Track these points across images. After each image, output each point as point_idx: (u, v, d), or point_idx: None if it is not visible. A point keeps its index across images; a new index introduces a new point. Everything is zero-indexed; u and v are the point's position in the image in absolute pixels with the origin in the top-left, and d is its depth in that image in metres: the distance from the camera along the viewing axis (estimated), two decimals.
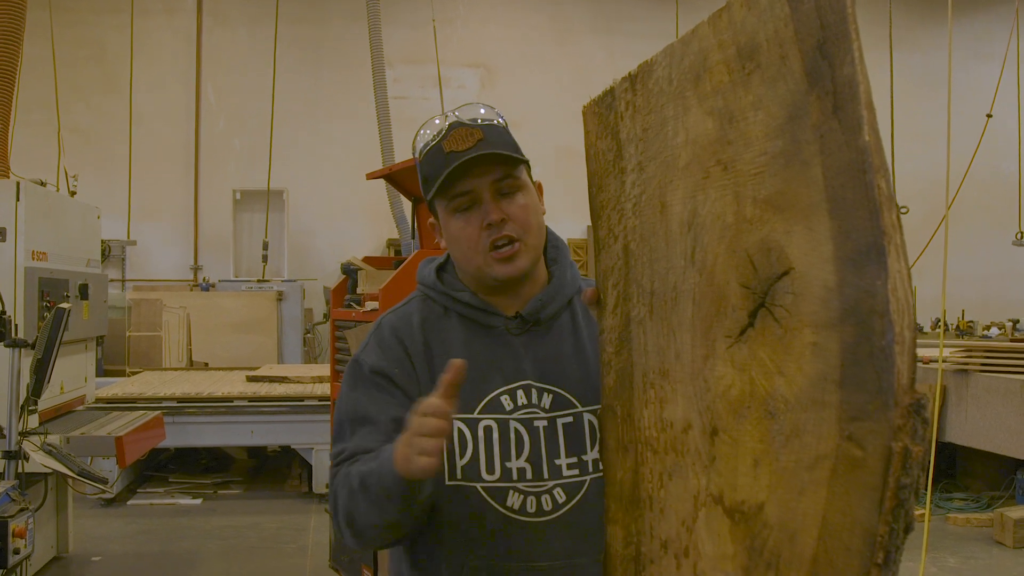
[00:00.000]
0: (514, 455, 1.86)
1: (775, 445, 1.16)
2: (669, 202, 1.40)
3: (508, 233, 1.86)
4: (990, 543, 7.18)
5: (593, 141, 1.65)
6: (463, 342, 1.94)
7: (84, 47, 13.05)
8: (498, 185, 1.87)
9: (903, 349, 1.01)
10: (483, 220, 1.86)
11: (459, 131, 1.87)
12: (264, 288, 12.23)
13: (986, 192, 13.04)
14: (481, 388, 1.89)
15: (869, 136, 1.03)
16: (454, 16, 13.61)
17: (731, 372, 1.25)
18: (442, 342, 1.94)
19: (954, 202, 6.89)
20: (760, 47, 1.18)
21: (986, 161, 10.50)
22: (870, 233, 1.02)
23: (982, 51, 13.74)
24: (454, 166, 1.83)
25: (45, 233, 5.83)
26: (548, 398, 1.90)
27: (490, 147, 1.85)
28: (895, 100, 10.28)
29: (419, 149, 1.95)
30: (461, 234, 1.89)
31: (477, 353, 1.91)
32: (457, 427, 1.86)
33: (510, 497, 1.85)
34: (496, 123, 1.92)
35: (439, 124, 1.92)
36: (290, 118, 13.02)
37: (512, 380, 1.90)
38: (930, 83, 13.62)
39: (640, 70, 1.47)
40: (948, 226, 5.28)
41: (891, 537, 1.02)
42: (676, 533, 1.40)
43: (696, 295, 1.33)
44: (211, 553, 6.89)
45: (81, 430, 5.63)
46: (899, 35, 10.99)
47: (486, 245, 1.87)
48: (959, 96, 11.75)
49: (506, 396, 1.89)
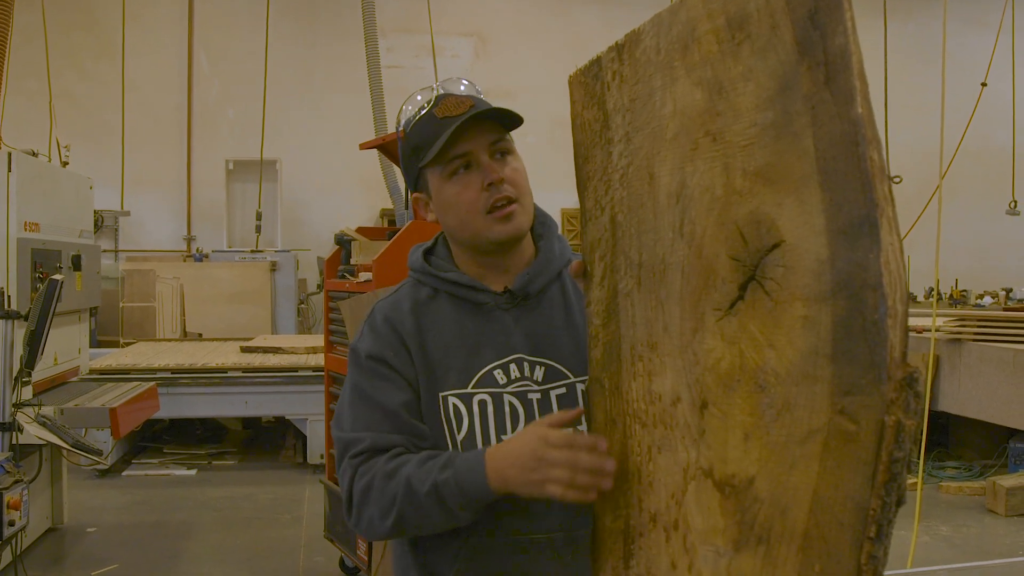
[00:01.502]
0: (510, 428, 1.87)
1: (766, 419, 1.16)
2: (657, 173, 1.38)
3: (507, 194, 1.87)
4: (982, 511, 7.21)
5: (579, 111, 1.63)
6: (454, 320, 1.95)
7: (76, 13, 12.93)
8: (494, 147, 1.88)
9: (895, 323, 1.00)
10: (483, 180, 1.86)
11: (450, 99, 1.88)
12: (258, 259, 12.20)
13: (980, 162, 13.03)
14: (474, 363, 1.90)
15: (862, 108, 1.02)
16: None
17: (720, 345, 1.24)
18: (433, 322, 1.95)
19: (947, 172, 6.88)
20: (750, 17, 1.16)
21: (980, 130, 10.48)
22: (863, 206, 1.01)
23: (977, 19, 13.67)
24: (452, 129, 1.83)
25: (37, 204, 5.80)
26: (541, 371, 1.91)
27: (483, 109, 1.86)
28: (888, 70, 10.22)
29: (405, 122, 1.95)
30: (459, 198, 1.89)
31: (468, 330, 1.93)
32: (452, 403, 1.88)
33: None
34: (479, 95, 1.95)
35: (426, 96, 1.93)
36: (283, 87, 12.94)
37: (504, 354, 1.91)
38: (924, 52, 13.56)
39: (627, 39, 1.45)
40: (942, 196, 5.28)
41: (883, 511, 1.02)
42: (665, 506, 1.39)
43: (685, 267, 1.32)
44: (206, 524, 6.91)
45: (75, 401, 5.62)
46: (893, 4, 10.92)
47: (486, 206, 1.87)
48: (953, 65, 11.67)
49: (499, 370, 1.90)
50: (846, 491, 1.04)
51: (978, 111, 9.14)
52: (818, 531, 1.08)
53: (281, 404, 8.40)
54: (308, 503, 7.29)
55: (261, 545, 6.44)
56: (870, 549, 1.03)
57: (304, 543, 6.40)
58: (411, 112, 1.93)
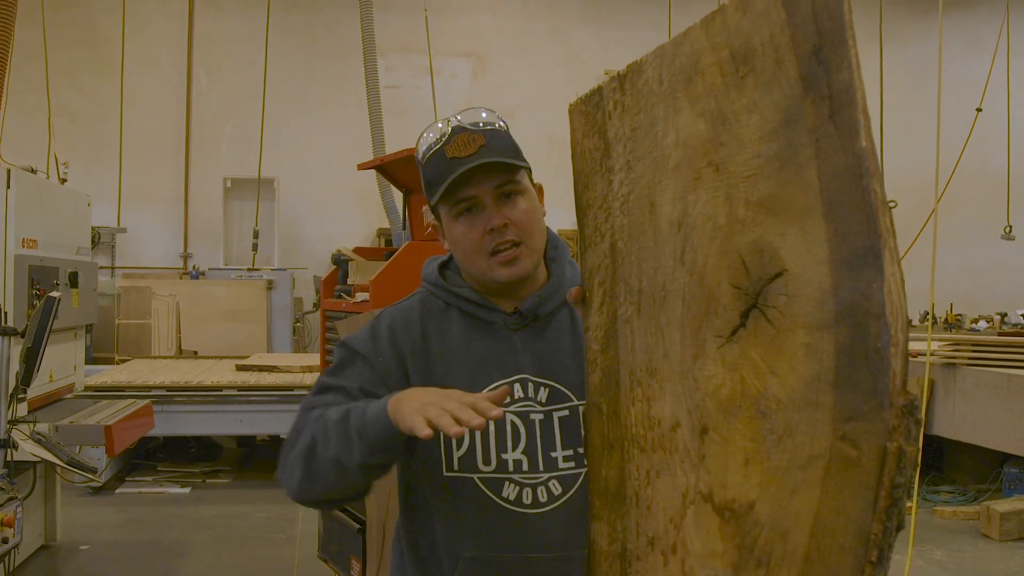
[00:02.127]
0: (510, 447, 1.89)
1: (767, 444, 1.17)
2: (658, 202, 1.40)
3: (510, 238, 1.90)
4: (977, 536, 7.22)
5: (579, 139, 1.65)
6: (462, 336, 1.98)
7: (75, 29, 12.98)
8: (500, 190, 1.90)
9: (897, 351, 1.02)
10: (485, 225, 1.89)
11: (461, 137, 1.90)
12: (254, 277, 12.20)
13: (975, 186, 13.08)
14: (478, 381, 1.92)
15: (866, 141, 1.04)
16: (446, 5, 13.57)
17: (721, 371, 1.26)
18: (441, 335, 1.98)
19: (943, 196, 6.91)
20: (755, 51, 1.18)
21: (976, 155, 10.54)
22: (866, 237, 1.03)
23: (973, 44, 13.75)
24: (456, 175, 1.85)
25: (35, 220, 5.81)
26: (545, 392, 1.93)
27: (492, 153, 1.87)
28: (885, 93, 10.29)
29: (422, 152, 1.97)
30: (464, 238, 1.93)
31: (475, 347, 1.96)
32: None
33: (506, 488, 1.88)
34: (498, 127, 1.94)
35: (441, 128, 1.94)
36: (282, 105, 12.98)
37: (509, 374, 1.93)
38: (920, 76, 13.63)
39: (629, 70, 1.47)
40: (937, 220, 5.30)
41: (884, 535, 1.04)
42: (663, 530, 1.41)
43: (686, 295, 1.34)
44: (200, 542, 6.90)
45: (70, 418, 5.61)
46: (889, 28, 10.99)
47: (488, 249, 1.91)
48: (949, 90, 11.75)
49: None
50: (848, 516, 1.06)
51: (974, 135, 9.19)
52: (819, 555, 1.10)
53: (276, 423, 8.39)
54: (302, 522, 7.28)
55: (255, 564, 6.43)
56: (871, 573, 1.04)
57: (298, 563, 6.39)
58: (431, 140, 1.94)
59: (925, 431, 7.63)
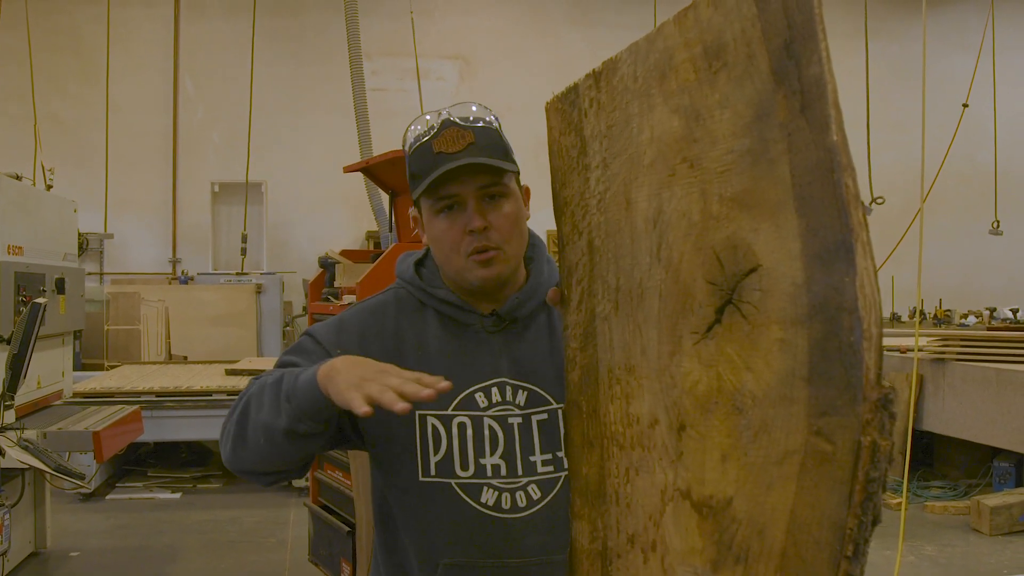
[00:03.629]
0: (488, 452, 1.86)
1: (743, 440, 1.17)
2: (634, 199, 1.40)
3: (488, 242, 1.86)
4: (967, 531, 7.24)
5: (556, 137, 1.65)
6: (438, 337, 1.94)
7: (60, 36, 12.95)
8: (484, 191, 1.86)
9: (870, 345, 1.02)
10: (466, 226, 1.85)
11: (451, 131, 1.86)
12: (243, 281, 12.19)
13: (963, 182, 13.13)
14: (456, 385, 1.86)
15: (837, 135, 1.04)
16: (432, 7, 13.58)
17: (698, 368, 1.25)
18: (416, 335, 1.94)
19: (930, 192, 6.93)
20: (727, 46, 1.18)
21: (962, 151, 10.57)
22: (838, 231, 1.03)
23: (958, 41, 13.80)
24: (440, 172, 1.82)
25: (21, 227, 5.79)
26: (523, 395, 1.90)
27: (479, 152, 1.84)
28: (871, 90, 10.32)
29: (409, 143, 1.93)
30: (444, 236, 1.88)
31: (452, 350, 1.92)
32: (431, 424, 1.86)
33: (484, 493, 1.85)
34: (489, 124, 1.90)
35: (431, 120, 1.90)
36: (269, 110, 12.96)
37: (487, 377, 1.90)
38: (906, 73, 13.68)
39: (604, 67, 1.47)
40: (923, 216, 5.31)
41: (860, 530, 1.04)
42: (643, 527, 1.40)
43: (662, 291, 1.33)
44: (190, 547, 6.88)
45: (58, 425, 5.60)
46: (875, 25, 11.02)
47: (467, 250, 1.87)
48: (935, 86, 11.82)
49: (480, 393, 1.89)
50: (823, 511, 1.06)
51: (961, 131, 9.22)
52: (795, 550, 1.09)
53: None
54: (293, 526, 7.28)
55: (245, 569, 6.42)
56: (847, 568, 1.04)
57: (288, 567, 6.38)
58: (419, 131, 1.90)
59: (915, 426, 7.65)
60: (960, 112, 9.36)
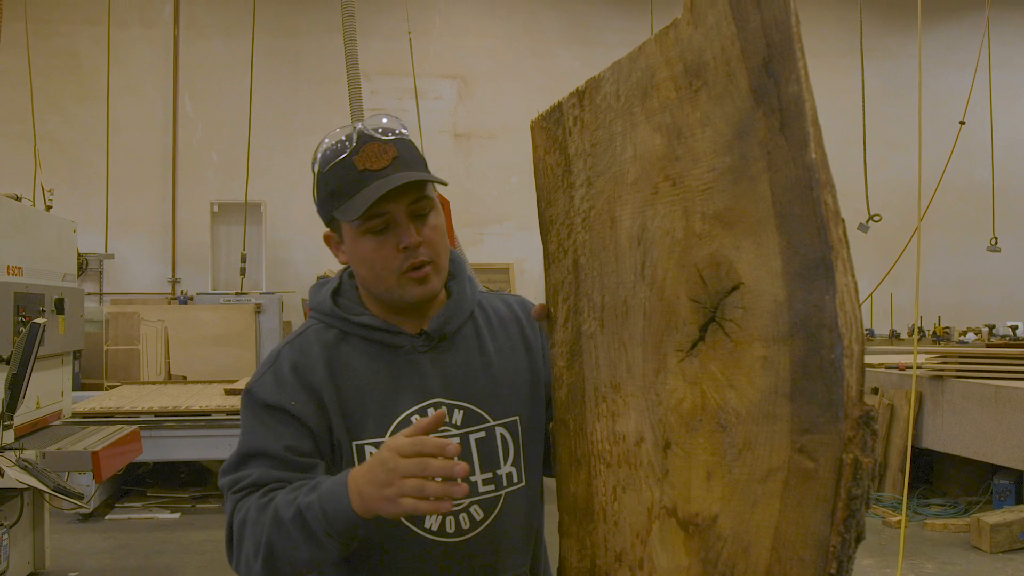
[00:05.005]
0: None
1: (728, 458, 1.17)
2: (619, 217, 1.41)
3: (423, 257, 1.83)
4: (967, 548, 7.21)
5: (541, 156, 1.65)
6: (366, 365, 1.89)
7: (60, 58, 13.00)
8: (413, 207, 1.82)
9: (852, 362, 1.03)
10: (399, 243, 1.81)
11: (371, 146, 1.81)
12: (242, 301, 12.18)
13: (960, 199, 13.15)
14: (391, 409, 1.85)
15: (815, 153, 1.05)
16: (430, 28, 13.63)
17: (683, 385, 1.26)
18: (346, 366, 1.89)
19: (928, 209, 6.94)
20: (707, 65, 1.19)
21: (960, 168, 10.59)
22: (818, 248, 1.04)
23: (953, 59, 13.84)
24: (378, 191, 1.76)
25: (20, 248, 5.80)
26: (459, 414, 1.87)
27: (405, 166, 1.80)
28: (867, 107, 10.34)
29: (322, 159, 1.87)
30: (374, 256, 1.84)
31: (382, 374, 1.88)
32: (369, 451, 1.82)
33: (428, 519, 1.83)
34: (403, 135, 1.86)
35: (346, 135, 1.84)
36: (267, 130, 12.99)
37: (422, 399, 1.86)
38: (902, 90, 13.70)
39: (588, 86, 1.48)
40: (921, 234, 5.32)
41: (843, 547, 1.04)
42: (630, 545, 1.41)
43: (647, 309, 1.34)
44: (190, 568, 6.86)
45: (57, 445, 5.58)
46: (871, 43, 11.06)
47: (400, 268, 1.83)
48: (931, 104, 11.84)
49: (416, 416, 1.84)
50: (807, 528, 1.06)
51: (958, 148, 9.23)
52: (780, 568, 1.10)
53: None
54: None
55: None
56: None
57: None
58: (334, 147, 1.84)
59: (915, 444, 7.64)
60: (957, 129, 9.37)
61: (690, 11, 1.22)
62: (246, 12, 12.65)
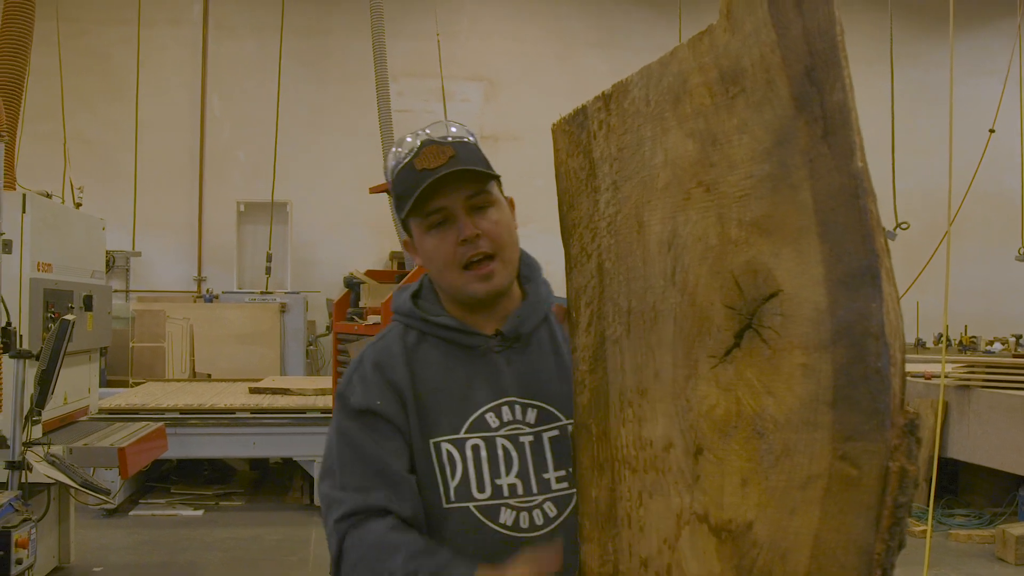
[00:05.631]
0: (503, 472, 1.86)
1: (764, 464, 1.17)
2: (647, 221, 1.40)
3: (483, 249, 1.86)
4: (992, 560, 7.16)
5: (563, 159, 1.65)
6: (443, 364, 1.94)
7: (89, 57, 13.10)
8: (471, 201, 1.86)
9: (896, 371, 1.03)
10: (457, 236, 1.85)
11: (430, 148, 1.86)
12: (267, 300, 12.24)
13: (989, 207, 13.04)
14: (466, 408, 1.89)
15: (861, 161, 1.05)
16: (458, 30, 13.64)
17: (715, 392, 1.25)
18: (424, 367, 1.94)
19: (956, 217, 6.90)
20: (745, 72, 1.18)
21: (988, 176, 10.49)
22: (863, 256, 1.04)
23: (983, 67, 13.75)
24: (427, 183, 1.81)
25: (50, 245, 5.84)
26: (533, 413, 1.91)
27: (461, 163, 1.84)
28: (895, 115, 10.28)
29: (391, 169, 1.93)
30: (436, 252, 1.89)
31: (459, 373, 1.93)
32: (445, 449, 1.87)
33: (502, 514, 1.86)
34: (467, 140, 1.91)
35: (411, 142, 1.90)
36: (294, 130, 13.04)
37: (495, 397, 1.90)
38: (931, 98, 13.63)
39: (614, 90, 1.47)
40: (950, 241, 5.29)
41: (887, 554, 1.04)
42: (657, 551, 1.40)
43: (677, 315, 1.33)
44: (212, 564, 6.89)
45: (84, 441, 5.63)
46: (899, 50, 10.99)
47: (461, 262, 1.87)
48: (960, 111, 11.75)
49: (491, 413, 1.89)
50: (849, 535, 1.06)
51: (987, 156, 9.16)
52: (820, 575, 1.10)
53: (289, 445, 8.39)
54: (315, 544, 7.27)
55: None
56: None
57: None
58: (400, 155, 1.91)
59: (940, 454, 7.59)
60: (986, 137, 9.30)
61: (727, 18, 1.22)
62: (274, 12, 12.71)
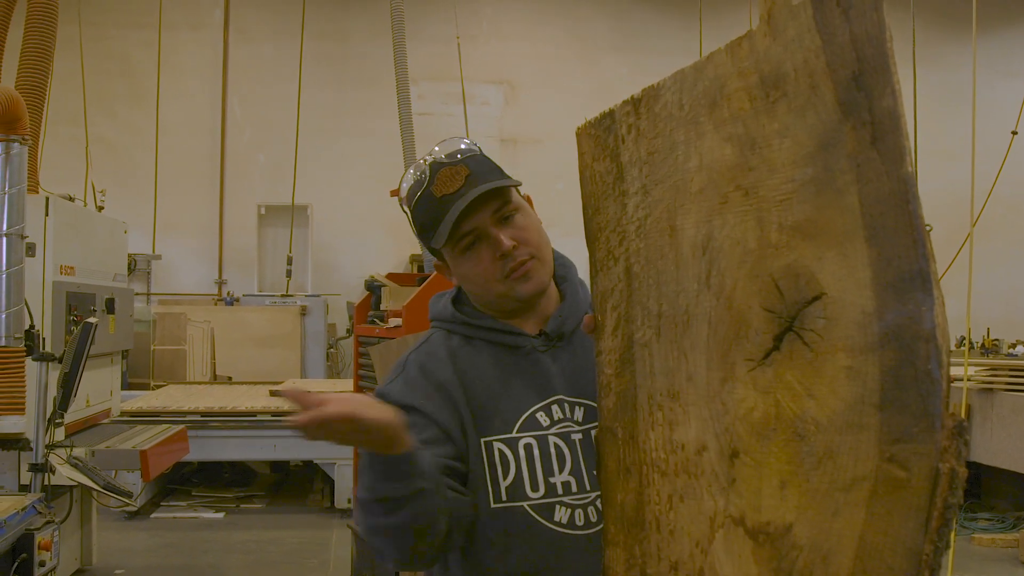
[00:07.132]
0: (556, 470, 1.88)
1: (805, 467, 1.16)
2: (680, 226, 1.39)
3: (522, 257, 1.90)
4: (1015, 564, 7.13)
5: (589, 163, 1.64)
6: (492, 365, 1.96)
7: (111, 61, 13.17)
8: (497, 215, 1.89)
9: (944, 373, 1.03)
10: (494, 252, 1.88)
11: (444, 172, 1.88)
12: (288, 303, 12.28)
13: (1011, 209, 12.99)
14: (516, 407, 1.91)
15: (910, 166, 1.05)
16: (477, 33, 13.66)
17: (753, 395, 1.25)
18: (472, 368, 1.96)
19: (979, 220, 6.87)
20: (787, 76, 1.18)
21: (1011, 178, 10.45)
22: (914, 260, 1.04)
23: (1006, 68, 13.70)
24: (453, 211, 1.83)
25: (73, 248, 5.88)
26: (580, 411, 1.93)
27: (479, 181, 1.86)
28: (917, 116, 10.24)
29: (407, 196, 1.95)
30: (475, 272, 1.92)
31: (507, 373, 1.95)
32: (498, 449, 1.88)
33: (557, 512, 1.87)
34: (472, 152, 1.93)
35: (422, 168, 1.93)
36: (314, 133, 13.08)
37: (545, 396, 1.93)
38: (953, 100, 13.57)
39: (645, 94, 1.47)
40: (973, 244, 5.26)
41: (935, 555, 1.04)
42: (689, 555, 1.39)
43: (712, 318, 1.32)
44: (233, 567, 6.92)
45: (106, 443, 5.66)
46: (922, 52, 10.96)
47: (503, 273, 1.89)
48: (983, 113, 11.70)
49: (541, 412, 1.91)
50: (896, 536, 1.06)
51: (1009, 159, 9.12)
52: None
53: (309, 448, 8.41)
54: (335, 547, 7.30)
55: None
56: None
57: None
58: (413, 183, 1.94)
59: None
60: (1008, 139, 9.26)
61: (767, 23, 1.21)
62: (295, 16, 12.76)
